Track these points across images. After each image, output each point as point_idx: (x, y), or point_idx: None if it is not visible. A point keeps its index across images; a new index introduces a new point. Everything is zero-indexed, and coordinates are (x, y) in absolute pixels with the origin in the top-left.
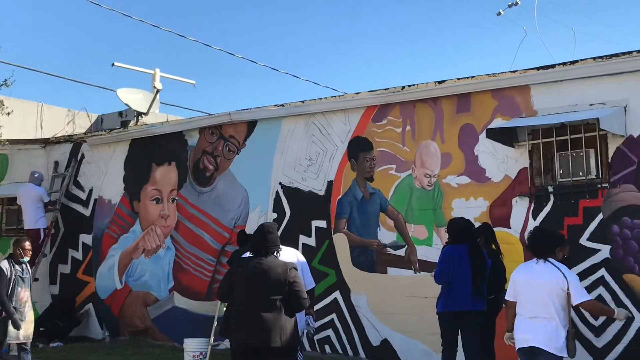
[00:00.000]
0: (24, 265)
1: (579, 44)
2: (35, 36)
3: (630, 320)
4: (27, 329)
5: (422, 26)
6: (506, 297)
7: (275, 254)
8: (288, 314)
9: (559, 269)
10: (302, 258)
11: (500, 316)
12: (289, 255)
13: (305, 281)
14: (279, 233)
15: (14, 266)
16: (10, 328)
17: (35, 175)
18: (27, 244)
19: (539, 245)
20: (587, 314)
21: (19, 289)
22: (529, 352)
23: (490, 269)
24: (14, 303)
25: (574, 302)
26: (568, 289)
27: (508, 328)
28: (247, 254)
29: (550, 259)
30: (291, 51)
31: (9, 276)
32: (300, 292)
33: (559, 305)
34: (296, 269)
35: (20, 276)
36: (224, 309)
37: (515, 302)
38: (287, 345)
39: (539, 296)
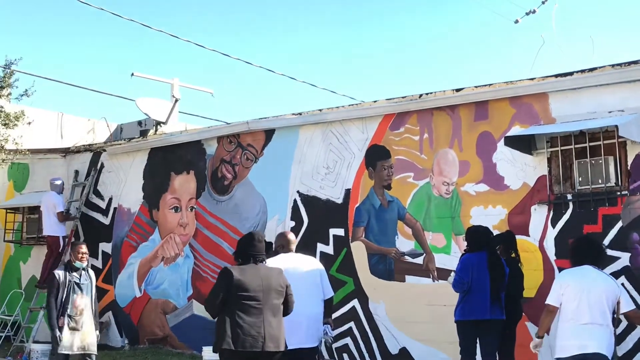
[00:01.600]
0: (82, 272)
1: (597, 51)
2: (55, 46)
3: None
4: (83, 339)
5: (439, 34)
6: (549, 302)
7: (264, 261)
8: (280, 319)
9: (609, 276)
10: (321, 266)
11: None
12: (309, 263)
13: (324, 290)
14: (298, 240)
15: (70, 272)
16: (64, 336)
17: (56, 183)
18: (83, 248)
19: (593, 253)
20: None
21: (75, 296)
22: (581, 359)
23: (509, 277)
24: (68, 311)
25: (624, 310)
26: (619, 297)
27: (540, 334)
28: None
29: (598, 267)
30: (309, 60)
31: (62, 283)
32: (292, 295)
33: (611, 313)
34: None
35: (76, 283)
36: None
37: (557, 308)
38: (286, 348)
39: (598, 302)
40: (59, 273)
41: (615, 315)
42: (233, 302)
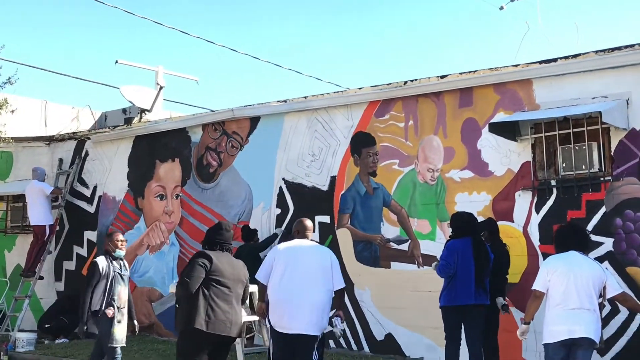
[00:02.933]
0: (120, 262)
1: (582, 37)
2: (38, 34)
3: (633, 313)
4: (123, 331)
5: (424, 20)
6: (536, 288)
7: (229, 250)
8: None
9: (595, 262)
10: (334, 257)
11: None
12: (321, 252)
13: (335, 281)
14: (283, 228)
15: (111, 262)
16: (115, 330)
17: (38, 172)
18: (120, 236)
19: (578, 240)
20: None
21: (119, 287)
22: (570, 344)
23: (495, 262)
24: (115, 302)
25: (610, 294)
26: (605, 282)
27: (526, 320)
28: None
29: (583, 253)
30: (294, 47)
31: (105, 273)
32: (249, 287)
33: (598, 297)
34: None
35: (119, 273)
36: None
37: (544, 294)
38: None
39: (585, 287)
40: (103, 264)
41: (601, 300)
42: (208, 285)
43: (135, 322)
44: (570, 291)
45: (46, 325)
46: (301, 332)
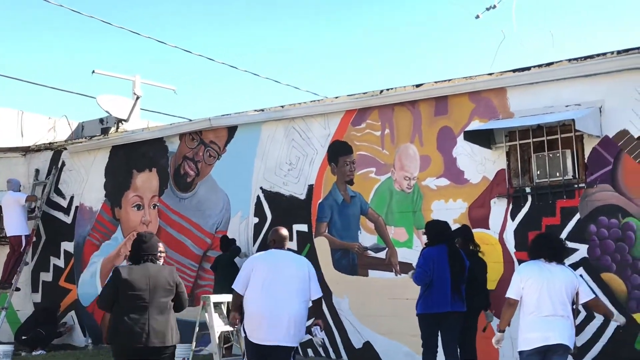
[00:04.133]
0: None
1: (557, 46)
2: (14, 43)
3: (608, 319)
4: None
5: (400, 28)
6: (510, 295)
7: (154, 260)
8: (174, 314)
9: (568, 268)
10: (311, 267)
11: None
12: (298, 263)
13: (313, 291)
14: (261, 236)
15: None
16: None
17: (12, 183)
18: (161, 247)
19: (551, 248)
20: None
21: None
22: (545, 350)
23: (470, 269)
24: None
25: (583, 300)
26: (578, 288)
27: (501, 328)
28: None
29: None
30: (272, 56)
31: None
32: (184, 293)
33: (571, 304)
34: (176, 273)
35: None
36: (206, 314)
37: (518, 301)
38: (176, 343)
39: (558, 294)
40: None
41: (574, 306)
42: (121, 299)
43: None
44: (543, 298)
45: (23, 337)
46: (278, 344)
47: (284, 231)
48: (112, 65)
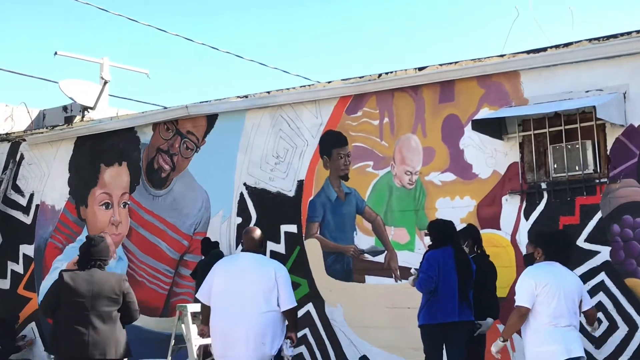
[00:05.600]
0: None
1: (577, 25)
2: None
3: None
4: None
5: (400, 8)
6: (522, 304)
7: (102, 266)
8: (121, 326)
9: (574, 273)
10: (281, 273)
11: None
12: (262, 268)
13: (281, 300)
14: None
15: None
16: None
17: None
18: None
19: (564, 247)
20: (586, 325)
21: None
22: None
23: (478, 275)
24: None
25: (585, 308)
26: (582, 295)
27: (505, 337)
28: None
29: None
30: (257, 37)
31: None
32: (133, 303)
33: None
34: (127, 281)
35: None
36: (182, 325)
37: (530, 310)
38: (121, 358)
39: (571, 303)
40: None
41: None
42: (63, 306)
43: None
44: (561, 308)
45: None
46: None
47: (256, 232)
48: (77, 46)
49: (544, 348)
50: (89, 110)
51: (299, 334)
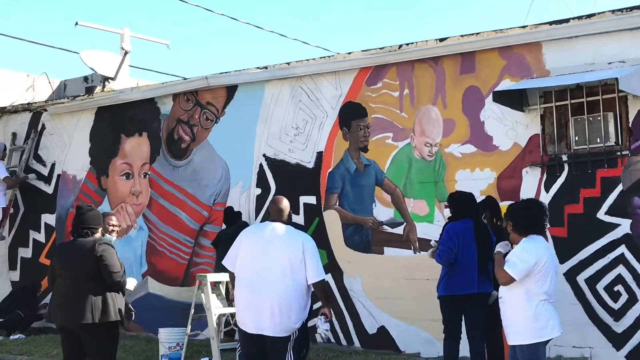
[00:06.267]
0: None
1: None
2: None
3: None
4: None
5: None
6: (514, 275)
7: (88, 234)
8: (100, 290)
9: None
10: (308, 244)
11: None
12: (289, 239)
13: (309, 272)
14: (264, 209)
15: None
16: None
17: None
18: (113, 220)
19: (543, 219)
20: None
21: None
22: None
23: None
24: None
25: None
26: None
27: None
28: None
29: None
30: (277, 7)
31: None
32: (108, 265)
33: None
34: (108, 244)
35: None
36: (202, 294)
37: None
38: (100, 321)
39: (556, 277)
40: None
41: None
42: (54, 278)
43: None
44: (554, 284)
45: (0, 320)
46: (261, 333)
47: (283, 202)
48: (98, 17)
49: (542, 323)
50: (109, 80)
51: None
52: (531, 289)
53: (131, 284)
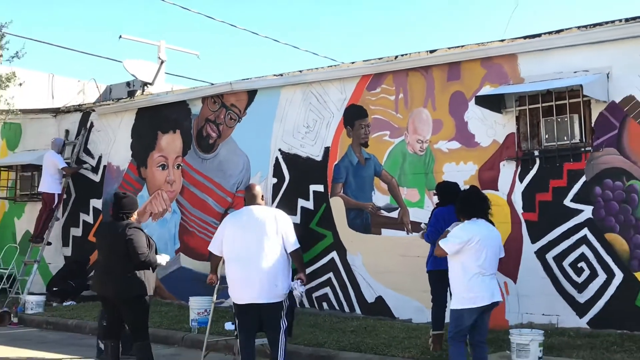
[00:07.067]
0: None
1: (568, 13)
2: (45, 9)
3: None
4: None
5: None
6: (445, 248)
7: (125, 218)
8: (133, 269)
9: (493, 225)
10: (282, 218)
11: None
12: (266, 216)
13: (286, 243)
14: (280, 196)
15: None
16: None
17: (56, 143)
18: None
19: (483, 206)
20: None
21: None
22: (486, 309)
23: None
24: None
25: (501, 254)
26: (500, 246)
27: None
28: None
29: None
30: (292, 23)
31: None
32: (135, 247)
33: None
34: (138, 228)
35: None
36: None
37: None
38: (136, 295)
39: (494, 254)
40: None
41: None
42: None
43: None
44: (488, 259)
45: (54, 289)
46: (252, 302)
47: (256, 188)
48: (138, 30)
49: (473, 294)
50: (148, 85)
51: (324, 277)
52: (466, 262)
53: (163, 259)
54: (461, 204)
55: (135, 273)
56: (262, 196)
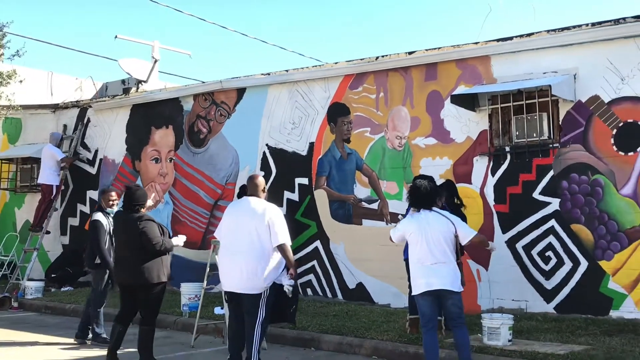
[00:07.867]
0: (110, 218)
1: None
2: (44, 10)
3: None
4: None
5: (398, 1)
6: (393, 238)
7: (138, 210)
8: (149, 257)
9: (443, 215)
10: (272, 213)
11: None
12: (257, 209)
13: (273, 236)
14: (267, 188)
15: (108, 218)
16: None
17: (54, 136)
18: (113, 195)
19: (423, 198)
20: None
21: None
22: (435, 294)
23: None
24: (112, 258)
25: (465, 241)
26: (456, 232)
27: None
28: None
29: (434, 208)
30: (279, 24)
31: (106, 229)
32: (149, 238)
33: (452, 248)
34: (150, 220)
35: (113, 229)
36: (215, 256)
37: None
38: (155, 282)
39: (437, 244)
40: (104, 221)
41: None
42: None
43: None
44: (425, 249)
45: (52, 275)
46: (234, 291)
47: (258, 179)
48: (133, 31)
49: (415, 282)
50: (142, 83)
51: (309, 265)
52: (410, 252)
53: (180, 240)
54: (408, 196)
55: (151, 261)
56: (264, 188)
